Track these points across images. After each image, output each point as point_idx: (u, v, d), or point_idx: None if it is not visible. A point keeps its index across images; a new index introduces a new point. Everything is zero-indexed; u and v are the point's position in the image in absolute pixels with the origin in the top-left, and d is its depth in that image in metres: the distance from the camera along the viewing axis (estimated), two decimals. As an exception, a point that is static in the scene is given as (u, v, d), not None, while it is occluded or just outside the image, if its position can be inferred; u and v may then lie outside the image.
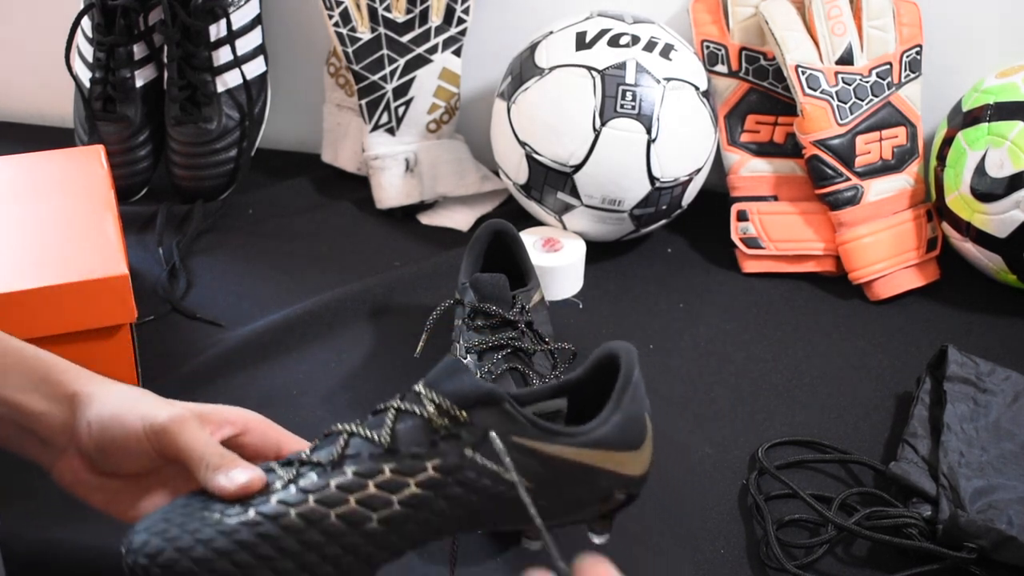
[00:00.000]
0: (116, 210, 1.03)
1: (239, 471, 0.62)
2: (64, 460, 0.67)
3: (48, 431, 0.67)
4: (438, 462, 0.62)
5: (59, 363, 0.69)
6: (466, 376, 0.63)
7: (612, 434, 0.65)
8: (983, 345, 1.05)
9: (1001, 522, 0.80)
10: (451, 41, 1.20)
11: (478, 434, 0.62)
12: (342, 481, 0.61)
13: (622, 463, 0.65)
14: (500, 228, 1.03)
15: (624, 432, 0.65)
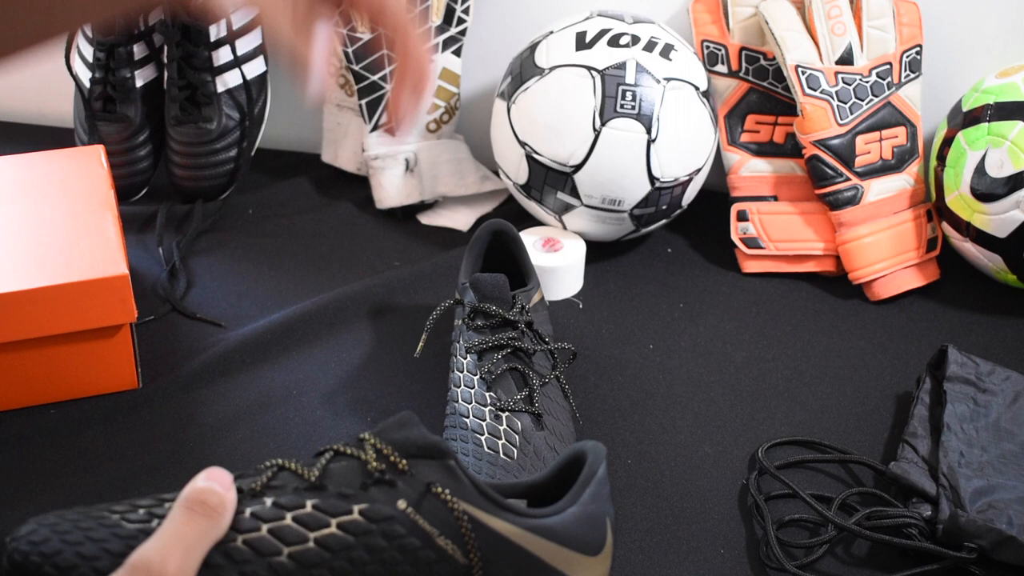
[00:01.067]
0: (116, 210, 1.03)
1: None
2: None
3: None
4: (366, 507, 0.57)
5: None
6: (416, 429, 0.59)
7: (566, 526, 0.59)
8: (983, 345, 1.05)
9: (1001, 522, 0.80)
10: (451, 41, 1.20)
11: (417, 487, 0.58)
12: (257, 509, 0.58)
13: (575, 567, 0.60)
14: (500, 228, 1.03)
15: (579, 528, 0.60)
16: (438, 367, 0.99)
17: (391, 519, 0.57)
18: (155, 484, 0.88)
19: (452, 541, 0.57)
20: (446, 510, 0.58)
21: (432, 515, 0.57)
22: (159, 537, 0.54)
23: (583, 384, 0.99)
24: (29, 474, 0.89)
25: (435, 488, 0.58)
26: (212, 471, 0.58)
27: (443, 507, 0.58)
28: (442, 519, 0.58)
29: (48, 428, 0.94)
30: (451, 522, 0.58)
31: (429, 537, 0.57)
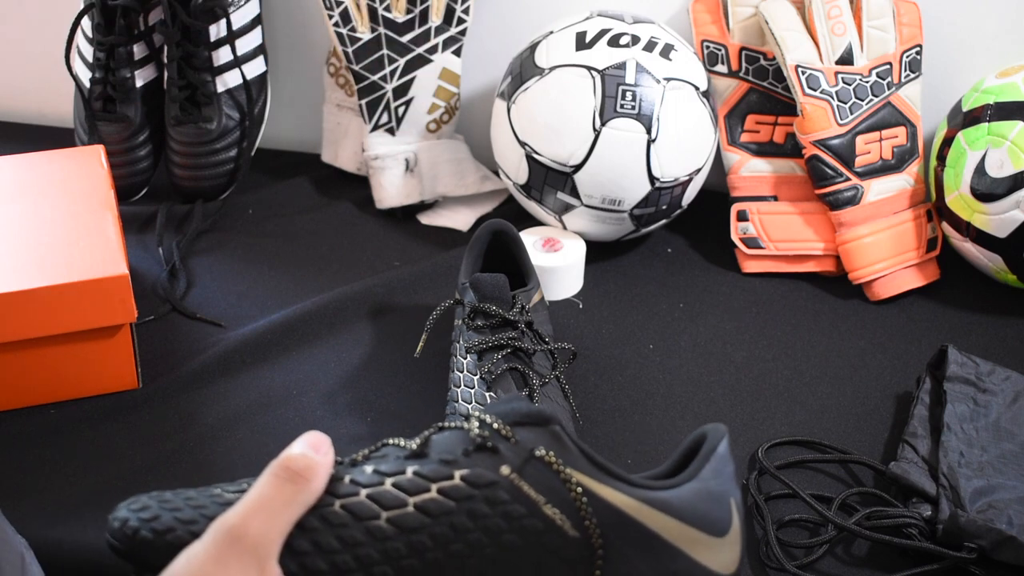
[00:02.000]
0: (116, 210, 1.03)
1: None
2: None
3: None
4: (467, 472, 0.55)
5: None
6: (521, 401, 0.57)
7: (684, 500, 0.55)
8: (983, 345, 1.05)
9: (1001, 522, 0.80)
10: (451, 41, 1.20)
11: (521, 454, 0.55)
12: (358, 476, 0.56)
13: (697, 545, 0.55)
14: (500, 228, 1.03)
15: (699, 504, 0.56)
16: (438, 367, 0.99)
17: (494, 484, 0.54)
18: (155, 484, 0.88)
19: (561, 511, 0.54)
20: (553, 476, 0.54)
21: (538, 482, 0.54)
22: (243, 502, 0.54)
23: (583, 384, 0.99)
24: (29, 474, 0.89)
25: (539, 452, 0.55)
26: (310, 436, 0.57)
27: (550, 473, 0.55)
28: (549, 486, 0.55)
29: (48, 428, 0.94)
30: (559, 490, 0.54)
31: (535, 505, 0.54)
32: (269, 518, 0.53)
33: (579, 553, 0.54)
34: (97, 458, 0.91)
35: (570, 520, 0.54)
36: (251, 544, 0.51)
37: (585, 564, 0.54)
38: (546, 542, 0.54)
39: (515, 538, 0.54)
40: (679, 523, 0.55)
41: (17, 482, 0.88)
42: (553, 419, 0.56)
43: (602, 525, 0.54)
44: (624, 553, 0.54)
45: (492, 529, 0.54)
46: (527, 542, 0.54)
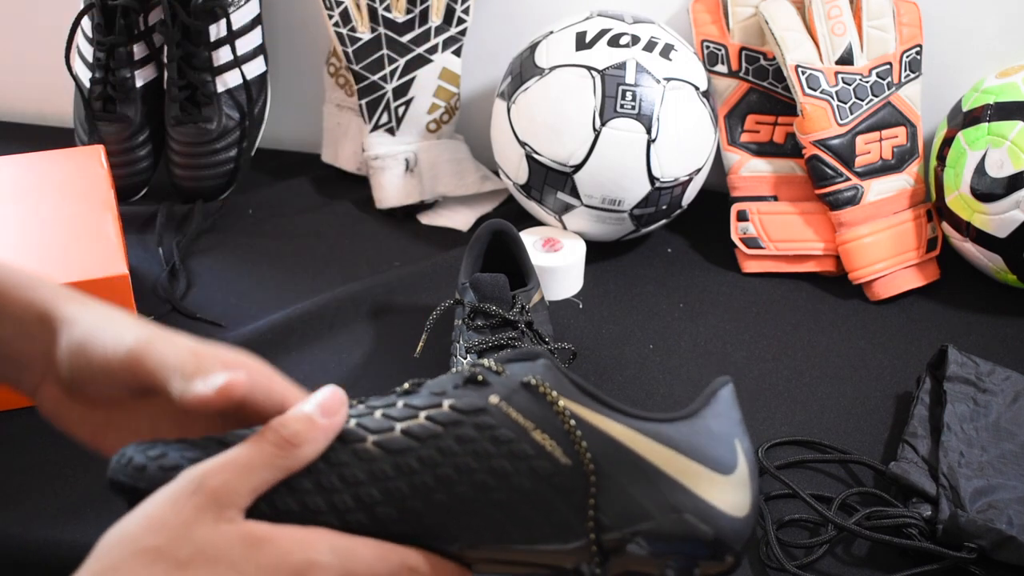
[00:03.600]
0: (116, 210, 1.03)
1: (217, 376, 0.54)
2: (44, 388, 0.61)
3: (23, 356, 0.60)
4: (454, 401, 0.54)
5: (23, 279, 0.62)
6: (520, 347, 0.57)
7: (681, 433, 0.53)
8: (983, 345, 1.05)
9: (1001, 522, 0.80)
10: (451, 41, 1.20)
11: (511, 384, 0.54)
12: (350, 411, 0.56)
13: (698, 479, 0.53)
14: (500, 228, 1.03)
15: (698, 438, 0.54)
16: (438, 367, 0.99)
17: (482, 411, 0.54)
18: (155, 484, 0.88)
19: (551, 437, 0.53)
20: (543, 404, 0.53)
21: (527, 409, 0.53)
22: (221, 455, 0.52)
23: (583, 384, 0.99)
24: (29, 474, 0.89)
25: (529, 379, 0.54)
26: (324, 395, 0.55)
27: (540, 401, 0.54)
28: (539, 414, 0.54)
29: (48, 428, 0.93)
30: (550, 417, 0.53)
31: (524, 431, 0.53)
32: (239, 474, 0.51)
33: (572, 482, 0.53)
34: (97, 458, 0.90)
35: (561, 447, 0.53)
36: (210, 493, 0.50)
37: (579, 493, 0.52)
38: (536, 468, 0.53)
39: (504, 464, 0.53)
40: (675, 454, 0.53)
41: (17, 482, 0.88)
42: (543, 353, 0.55)
43: (594, 453, 0.53)
44: (619, 483, 0.53)
45: (480, 453, 0.53)
46: (517, 469, 0.53)
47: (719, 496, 0.53)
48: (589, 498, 0.52)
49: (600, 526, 0.52)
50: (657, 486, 0.52)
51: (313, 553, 0.50)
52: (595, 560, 0.53)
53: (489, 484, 0.53)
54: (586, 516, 0.52)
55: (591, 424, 0.53)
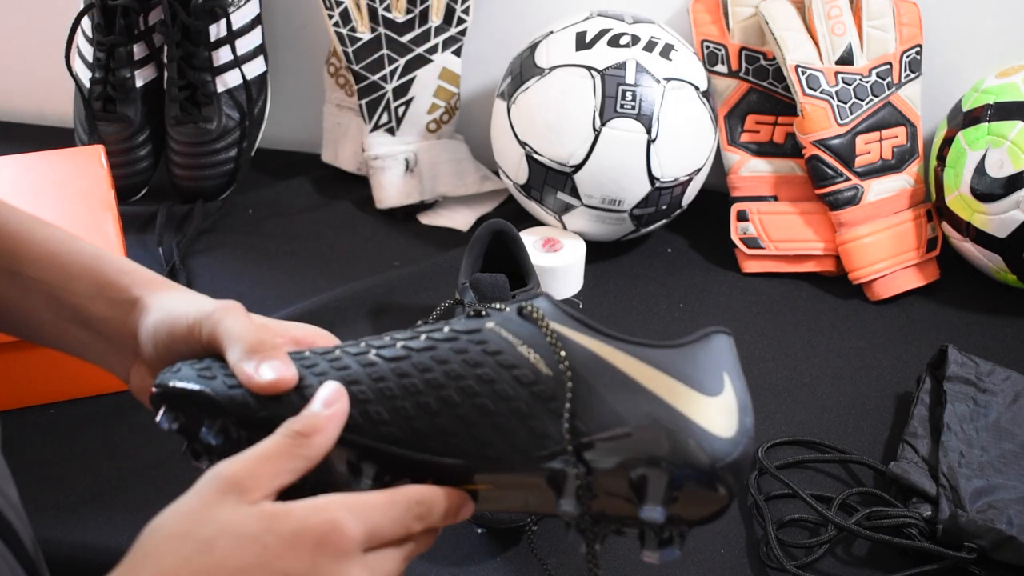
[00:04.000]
0: (116, 210, 1.03)
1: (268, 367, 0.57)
2: (135, 367, 0.66)
3: (117, 336, 0.65)
4: (454, 325, 0.58)
5: (120, 264, 0.67)
6: None
7: (664, 356, 0.54)
8: (983, 345, 1.05)
9: (1001, 522, 0.81)
10: (451, 41, 1.20)
11: (509, 314, 0.58)
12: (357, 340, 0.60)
13: (679, 396, 0.53)
14: (500, 228, 1.03)
15: (682, 361, 0.54)
16: (438, 367, 0.99)
17: (477, 331, 0.57)
18: (155, 484, 0.88)
19: (536, 351, 0.55)
20: (533, 327, 0.57)
21: (518, 331, 0.57)
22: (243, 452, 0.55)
23: (583, 384, 0.99)
24: (29, 474, 0.89)
25: (523, 305, 0.58)
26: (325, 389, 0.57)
27: (531, 324, 0.57)
28: (528, 333, 0.57)
29: (48, 428, 0.94)
30: (537, 335, 0.56)
31: (512, 345, 0.56)
32: (258, 463, 0.54)
33: (552, 390, 0.55)
34: (97, 458, 0.91)
35: (544, 359, 0.55)
36: (230, 479, 0.53)
37: (558, 402, 0.54)
38: (519, 376, 0.55)
39: (490, 372, 0.55)
40: (657, 371, 0.54)
41: (17, 482, 0.88)
42: (545, 294, 0.59)
43: (575, 364, 0.55)
44: (597, 392, 0.54)
45: (470, 363, 0.56)
46: (501, 377, 0.55)
47: (702, 414, 0.53)
48: (567, 403, 0.54)
49: (575, 431, 0.54)
50: (635, 397, 0.53)
51: (330, 514, 0.52)
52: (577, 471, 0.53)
53: (475, 390, 0.55)
54: (562, 423, 0.54)
55: (575, 341, 0.56)
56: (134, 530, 0.84)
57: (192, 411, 0.58)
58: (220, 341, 0.59)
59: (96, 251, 0.68)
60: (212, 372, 0.59)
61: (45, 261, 0.66)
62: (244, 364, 0.58)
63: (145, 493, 0.88)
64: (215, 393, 0.58)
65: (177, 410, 0.58)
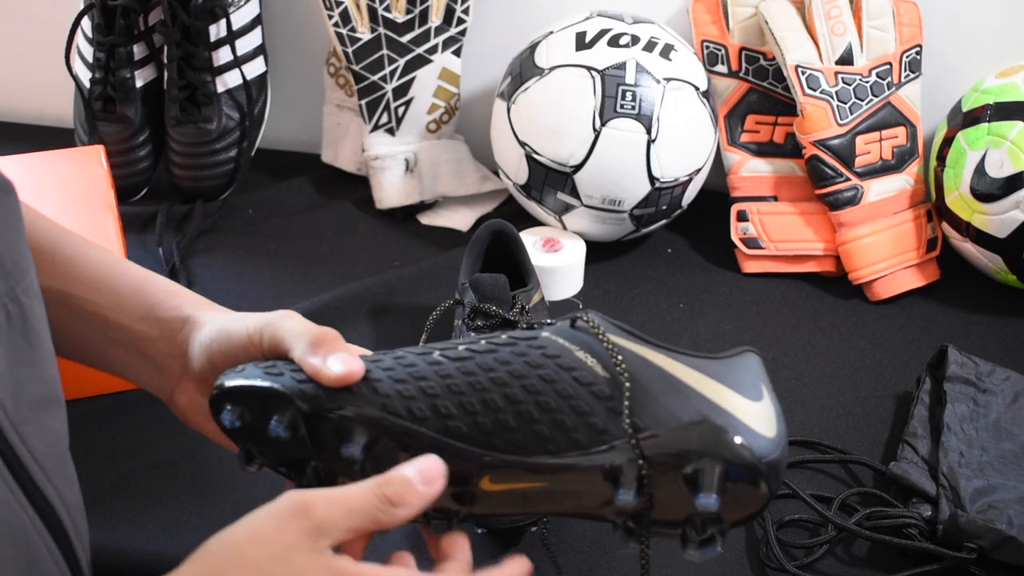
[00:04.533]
0: (116, 210, 1.03)
1: (336, 359, 0.59)
2: (181, 386, 0.67)
3: (164, 357, 0.67)
4: (511, 333, 0.61)
5: (168, 286, 0.69)
6: None
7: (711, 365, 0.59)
8: (983, 345, 1.05)
9: (1001, 522, 0.81)
10: (451, 41, 1.20)
11: (559, 325, 0.61)
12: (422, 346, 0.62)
13: (725, 397, 0.57)
14: (500, 228, 1.03)
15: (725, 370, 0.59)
16: (438, 367, 0.99)
17: (534, 338, 0.60)
18: (155, 484, 0.88)
19: (592, 355, 0.59)
20: (589, 335, 0.60)
21: (573, 337, 0.60)
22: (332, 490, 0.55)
23: (583, 384, 0.99)
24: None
25: (576, 315, 0.61)
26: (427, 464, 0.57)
27: (586, 332, 0.60)
28: (584, 340, 0.60)
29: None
30: (593, 342, 0.59)
31: (569, 351, 0.59)
32: (343, 513, 0.54)
33: (610, 390, 0.58)
34: (97, 458, 0.91)
35: (600, 363, 0.59)
36: (314, 522, 0.53)
37: (615, 400, 0.57)
38: (578, 377, 0.58)
39: (551, 372, 0.58)
40: (705, 377, 0.58)
41: (17, 482, 0.88)
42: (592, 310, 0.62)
43: (630, 369, 0.58)
44: (652, 393, 0.57)
45: (532, 364, 0.59)
46: (561, 378, 0.58)
47: (744, 413, 0.57)
48: (624, 401, 0.57)
49: (635, 426, 0.57)
50: (686, 398, 0.57)
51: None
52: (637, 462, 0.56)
53: (537, 388, 0.58)
54: (622, 419, 0.57)
55: (627, 348, 0.59)
56: (134, 529, 0.84)
57: (259, 406, 0.59)
58: (283, 340, 0.61)
59: (146, 274, 0.70)
60: (279, 369, 0.60)
61: (96, 283, 0.68)
62: (311, 358, 0.59)
63: (145, 493, 0.88)
64: (284, 387, 0.59)
65: (243, 406, 0.60)
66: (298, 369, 0.60)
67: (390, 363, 0.60)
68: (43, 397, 0.59)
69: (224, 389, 0.61)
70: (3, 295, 0.55)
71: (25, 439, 0.56)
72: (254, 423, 0.60)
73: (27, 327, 0.57)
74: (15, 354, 0.56)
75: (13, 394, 0.55)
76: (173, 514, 0.86)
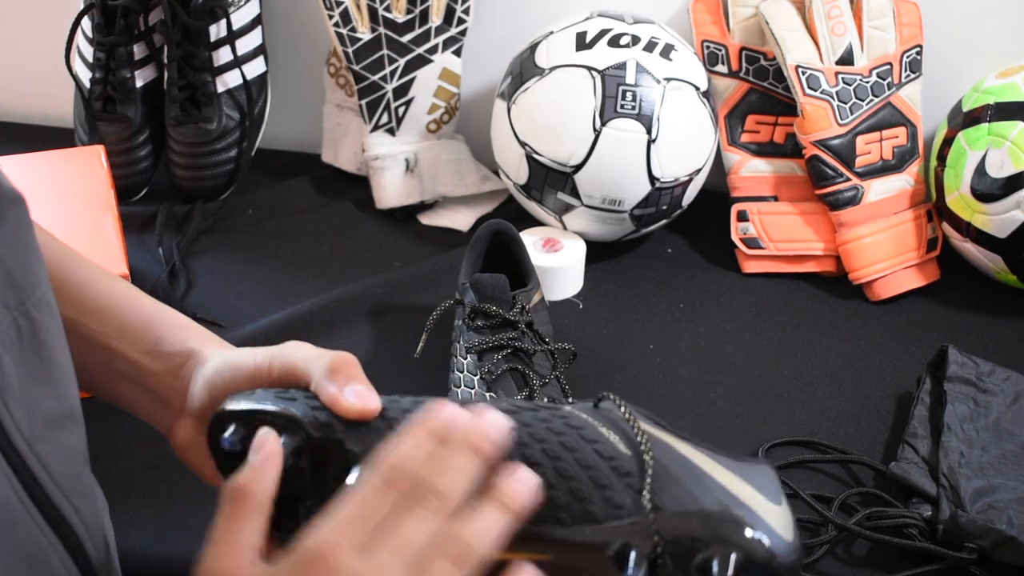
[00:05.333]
0: (116, 210, 1.03)
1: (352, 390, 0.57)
2: (180, 423, 0.66)
3: (166, 392, 0.66)
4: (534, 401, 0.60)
5: (177, 320, 0.68)
6: None
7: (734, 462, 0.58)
8: (983, 345, 1.05)
9: (1001, 522, 0.80)
10: (451, 41, 1.20)
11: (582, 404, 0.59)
12: None
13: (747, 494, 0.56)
14: (500, 228, 1.03)
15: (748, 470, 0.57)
16: (438, 367, 0.99)
17: (558, 408, 0.59)
18: (155, 484, 0.88)
19: (615, 432, 0.57)
20: (613, 414, 0.58)
21: (597, 414, 0.58)
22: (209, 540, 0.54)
23: (583, 384, 0.99)
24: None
25: (601, 395, 0.59)
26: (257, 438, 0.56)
27: (610, 412, 0.59)
28: (607, 417, 0.58)
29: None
30: (616, 420, 0.58)
31: (593, 425, 0.57)
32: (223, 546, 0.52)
33: (631, 467, 0.56)
34: (97, 458, 0.90)
35: (624, 441, 0.57)
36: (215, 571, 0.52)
37: (635, 477, 0.56)
38: (600, 451, 0.56)
39: (573, 441, 0.56)
40: (728, 472, 0.56)
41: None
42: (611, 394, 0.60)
43: (655, 451, 0.56)
44: (674, 476, 0.56)
45: (554, 430, 0.57)
46: (583, 448, 0.56)
47: (765, 512, 0.55)
48: (647, 479, 0.55)
49: (655, 506, 0.55)
50: (708, 486, 0.55)
51: None
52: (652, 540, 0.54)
53: (558, 453, 0.56)
54: (641, 495, 0.55)
55: (652, 432, 0.57)
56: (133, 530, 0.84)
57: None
58: (296, 367, 0.59)
59: (156, 306, 0.69)
60: (292, 395, 0.58)
61: (104, 313, 0.67)
62: (329, 385, 0.57)
63: (145, 493, 0.88)
64: (297, 413, 0.57)
65: (248, 429, 0.57)
66: (312, 397, 0.58)
67: (408, 405, 0.58)
68: (58, 413, 0.57)
69: (231, 411, 0.58)
70: (13, 309, 0.54)
71: (41, 457, 0.55)
72: None
73: (38, 341, 0.56)
74: (27, 370, 0.55)
75: (27, 411, 0.54)
76: (173, 514, 0.86)
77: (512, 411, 0.58)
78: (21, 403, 0.54)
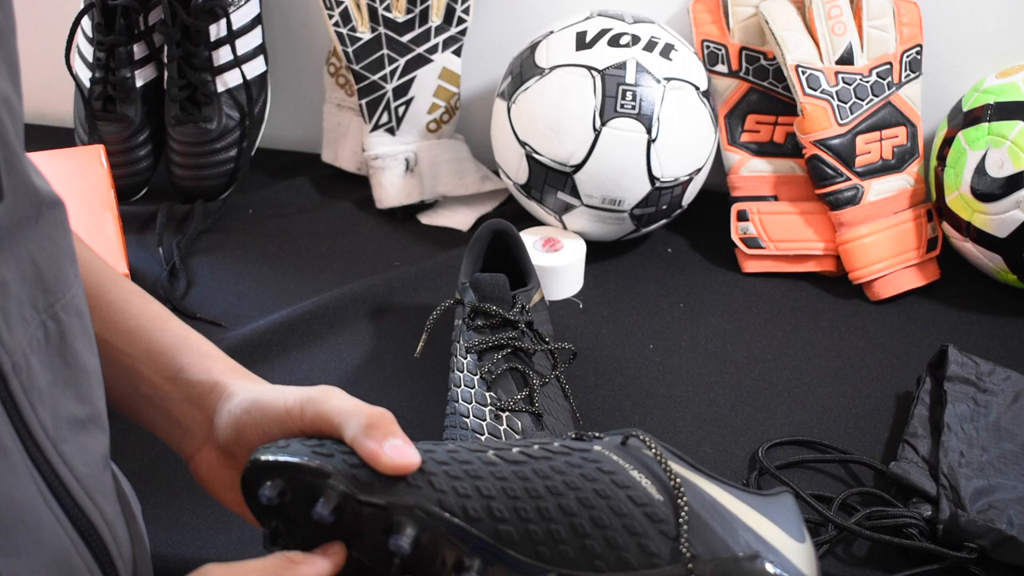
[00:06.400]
0: (116, 210, 1.03)
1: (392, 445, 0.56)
2: (203, 452, 0.66)
3: (189, 420, 0.65)
4: (563, 442, 0.60)
5: (204, 347, 0.67)
6: None
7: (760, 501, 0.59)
8: (983, 345, 1.05)
9: (1001, 522, 0.80)
10: (451, 41, 1.20)
11: (613, 441, 0.59)
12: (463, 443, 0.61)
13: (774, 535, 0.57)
14: (500, 228, 1.03)
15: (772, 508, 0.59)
16: (438, 367, 0.99)
17: (587, 450, 0.58)
18: (155, 484, 0.88)
19: (647, 476, 0.57)
20: (642, 454, 0.58)
21: (627, 456, 0.58)
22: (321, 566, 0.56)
23: (583, 384, 0.99)
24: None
25: (629, 432, 0.59)
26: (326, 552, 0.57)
27: (639, 452, 0.58)
28: (638, 459, 0.58)
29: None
30: (647, 461, 0.58)
31: (624, 469, 0.57)
32: None
33: (663, 513, 0.56)
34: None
35: (655, 485, 0.57)
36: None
37: (669, 524, 0.56)
38: (633, 497, 0.56)
39: (606, 488, 0.57)
40: (756, 513, 0.57)
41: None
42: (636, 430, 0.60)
43: (688, 495, 0.57)
44: (705, 521, 0.56)
45: (587, 477, 0.57)
46: (616, 495, 0.56)
47: (792, 552, 0.56)
48: (682, 525, 0.56)
49: (694, 555, 0.55)
50: (738, 530, 0.56)
51: None
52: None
53: (592, 502, 0.56)
54: (678, 544, 0.55)
55: (682, 474, 0.58)
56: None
57: (304, 486, 0.57)
58: (330, 419, 0.58)
59: (186, 332, 0.68)
60: (328, 449, 0.58)
61: (133, 335, 0.67)
62: (367, 441, 0.56)
63: (144, 494, 0.88)
64: (336, 469, 0.56)
65: (286, 484, 0.57)
66: (349, 451, 0.57)
67: (444, 456, 0.58)
68: (82, 417, 0.57)
69: (267, 463, 0.58)
70: (42, 311, 0.54)
71: (66, 458, 0.55)
72: (295, 503, 0.57)
73: (64, 344, 0.56)
74: (52, 372, 0.55)
75: (52, 413, 0.54)
76: (173, 514, 0.86)
77: (546, 457, 0.58)
78: (47, 405, 0.54)
